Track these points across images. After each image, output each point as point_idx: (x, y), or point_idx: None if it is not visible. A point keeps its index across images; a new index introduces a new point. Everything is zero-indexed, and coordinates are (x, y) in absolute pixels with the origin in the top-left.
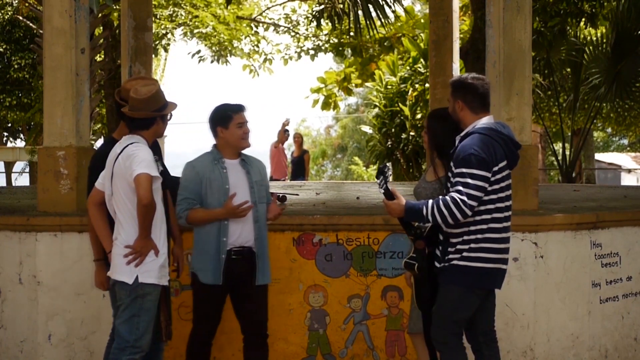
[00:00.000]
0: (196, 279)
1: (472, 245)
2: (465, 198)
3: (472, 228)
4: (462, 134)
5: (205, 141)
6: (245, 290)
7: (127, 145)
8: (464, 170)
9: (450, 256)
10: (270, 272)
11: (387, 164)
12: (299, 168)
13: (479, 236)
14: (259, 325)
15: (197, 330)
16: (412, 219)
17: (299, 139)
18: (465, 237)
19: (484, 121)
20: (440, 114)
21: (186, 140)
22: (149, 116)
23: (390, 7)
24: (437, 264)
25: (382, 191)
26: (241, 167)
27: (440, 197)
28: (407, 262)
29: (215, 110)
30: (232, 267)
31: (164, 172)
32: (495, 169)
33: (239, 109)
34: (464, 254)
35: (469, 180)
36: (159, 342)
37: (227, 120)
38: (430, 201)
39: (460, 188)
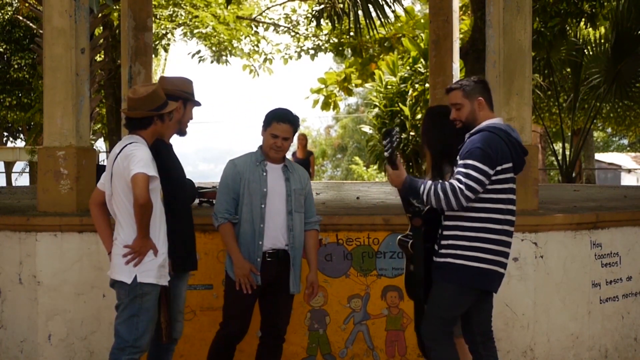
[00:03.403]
0: (230, 279)
1: (466, 243)
2: (463, 187)
3: (466, 224)
4: (472, 130)
5: (205, 141)
6: (276, 293)
7: (126, 145)
8: (467, 161)
9: (444, 251)
10: (300, 281)
11: (396, 128)
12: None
13: (472, 234)
14: (279, 329)
15: (226, 331)
16: (408, 194)
17: (303, 140)
18: (459, 232)
19: (495, 121)
20: (438, 111)
21: (186, 141)
22: (146, 115)
23: (390, 7)
24: (435, 259)
25: (387, 155)
26: (282, 172)
27: (440, 181)
28: (401, 239)
29: (271, 110)
30: (267, 269)
31: (182, 178)
32: (499, 168)
33: (282, 119)
34: (459, 251)
35: (471, 172)
36: (167, 342)
37: (267, 124)
38: (430, 182)
39: (461, 177)
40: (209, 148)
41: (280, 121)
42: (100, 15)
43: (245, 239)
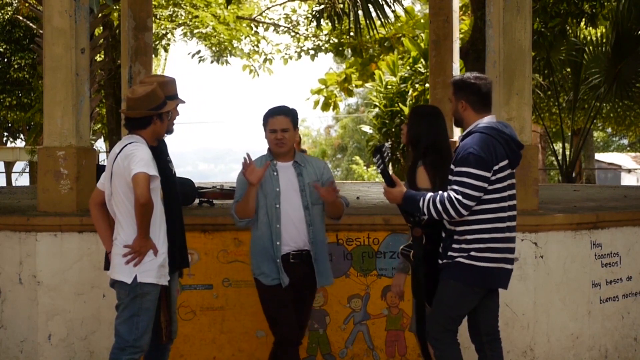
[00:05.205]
0: (259, 283)
1: (480, 245)
2: (460, 197)
3: (475, 227)
4: (463, 133)
5: (205, 142)
6: (303, 293)
7: (126, 145)
8: (462, 169)
9: (454, 254)
10: (331, 273)
11: (386, 144)
12: None
13: (485, 236)
14: (299, 330)
15: (276, 335)
16: (409, 208)
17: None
18: (469, 237)
19: (486, 120)
20: (420, 111)
21: (186, 141)
22: (145, 115)
23: (390, 7)
24: (439, 261)
25: (379, 171)
26: (293, 169)
27: (440, 192)
28: (403, 250)
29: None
30: (292, 270)
31: (173, 175)
32: (496, 168)
33: (275, 112)
34: (472, 253)
35: (466, 180)
36: (166, 342)
37: (265, 124)
38: (429, 194)
39: (456, 187)
40: (208, 148)
41: (275, 114)
42: (100, 15)
43: (263, 241)
